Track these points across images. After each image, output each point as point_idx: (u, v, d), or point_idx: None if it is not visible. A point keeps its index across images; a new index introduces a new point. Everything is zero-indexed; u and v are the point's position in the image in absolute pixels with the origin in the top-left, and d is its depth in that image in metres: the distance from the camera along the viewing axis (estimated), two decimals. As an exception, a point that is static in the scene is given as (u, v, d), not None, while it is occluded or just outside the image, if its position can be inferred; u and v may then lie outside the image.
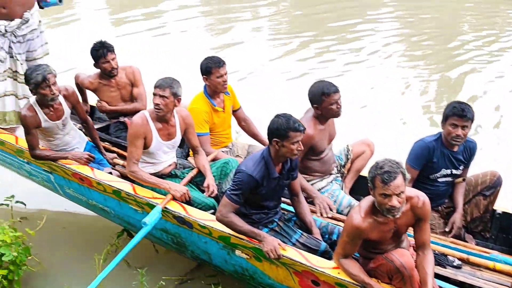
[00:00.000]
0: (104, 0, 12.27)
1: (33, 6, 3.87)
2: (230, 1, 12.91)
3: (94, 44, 4.27)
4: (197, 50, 8.50)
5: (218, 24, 10.48)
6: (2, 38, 3.74)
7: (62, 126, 3.74)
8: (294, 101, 4.23)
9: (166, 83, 3.37)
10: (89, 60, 4.35)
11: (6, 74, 3.85)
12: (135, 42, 8.82)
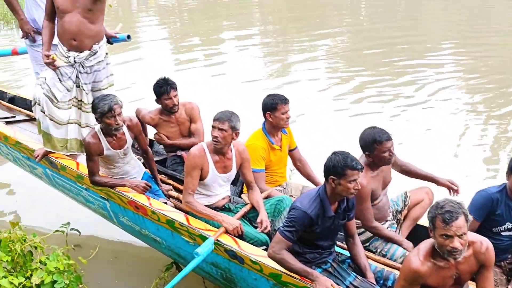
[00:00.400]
0: (166, 35, 12.73)
1: (102, 39, 4.02)
2: (288, 35, 13.19)
3: (157, 80, 4.40)
4: (253, 86, 8.68)
5: (275, 62, 10.64)
6: (70, 68, 3.88)
7: (123, 155, 3.84)
8: (349, 142, 4.17)
9: (226, 116, 3.42)
10: (150, 93, 4.47)
11: (71, 103, 3.98)
12: (194, 76, 9.03)
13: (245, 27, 14.16)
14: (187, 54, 10.99)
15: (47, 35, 3.96)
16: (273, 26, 14.83)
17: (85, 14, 3.76)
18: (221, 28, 14.12)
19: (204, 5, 17.66)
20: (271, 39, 13.04)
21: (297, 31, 13.54)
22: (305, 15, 15.75)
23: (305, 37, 12.53)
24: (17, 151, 4.44)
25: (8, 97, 5.54)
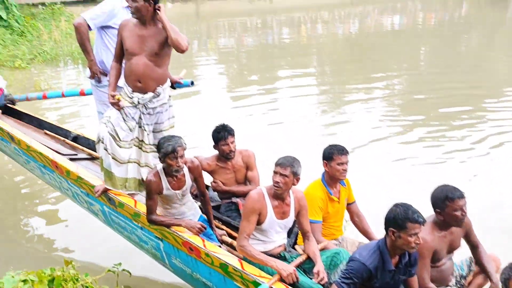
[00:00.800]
0: (224, 77, 12.99)
1: (166, 82, 4.13)
2: (344, 77, 13.25)
3: (216, 126, 4.46)
4: (308, 129, 8.70)
5: (330, 104, 10.67)
6: (134, 109, 3.99)
7: (181, 196, 3.87)
8: (410, 195, 4.07)
9: (288, 161, 3.42)
10: (207, 139, 4.53)
11: (133, 143, 4.07)
12: (249, 118, 9.11)
13: (302, 68, 14.32)
14: (243, 95, 11.12)
15: (114, 75, 4.11)
16: (330, 67, 14.96)
17: (152, 58, 3.90)
18: (278, 69, 14.31)
19: (262, 47, 18.06)
20: (327, 81, 13.15)
21: (353, 73, 13.59)
22: (362, 58, 15.85)
23: (361, 80, 12.55)
24: (77, 186, 4.54)
25: (72, 136, 5.73)
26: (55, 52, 13.73)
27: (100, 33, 4.76)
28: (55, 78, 12.04)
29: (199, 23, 23.79)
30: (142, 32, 3.89)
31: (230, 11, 27.26)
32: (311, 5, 30.55)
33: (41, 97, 6.24)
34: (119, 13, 4.58)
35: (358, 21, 25.49)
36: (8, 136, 5.27)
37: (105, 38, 4.72)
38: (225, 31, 22.18)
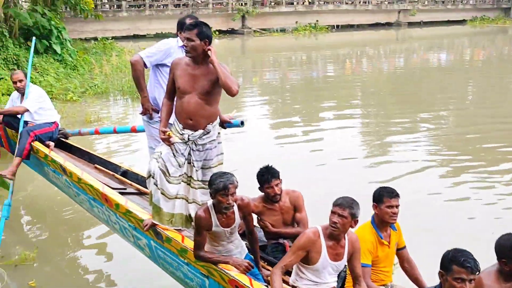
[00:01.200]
0: (267, 112, 13.04)
1: (216, 119, 4.18)
2: (390, 114, 13.12)
3: (260, 168, 4.40)
4: (352, 167, 8.59)
5: (375, 142, 10.53)
6: (184, 145, 4.05)
7: (229, 234, 3.86)
8: (462, 238, 3.94)
9: (347, 202, 3.39)
10: (251, 177, 4.51)
11: (181, 178, 4.11)
12: (294, 156, 9.05)
13: (346, 103, 14.34)
14: (287, 131, 11.17)
15: (165, 112, 4.19)
16: (374, 103, 14.85)
17: (203, 96, 3.96)
18: (322, 104, 14.36)
19: (307, 82, 18.16)
20: (371, 116, 13.04)
21: (398, 109, 13.50)
22: (407, 93, 15.75)
23: (406, 116, 12.43)
24: (126, 220, 4.59)
25: (121, 170, 5.85)
26: (106, 85, 14.15)
27: (154, 71, 4.87)
28: (105, 111, 12.37)
29: (244, 58, 24.14)
30: (194, 71, 3.97)
31: (275, 46, 27.62)
32: (356, 42, 30.71)
33: (93, 132, 6.40)
34: (175, 52, 4.68)
35: (403, 57, 25.39)
36: (60, 168, 5.42)
37: (159, 75, 4.82)
38: (270, 66, 22.43)
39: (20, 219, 6.86)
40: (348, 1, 34.55)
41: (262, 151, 9.36)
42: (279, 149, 9.77)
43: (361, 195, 3.92)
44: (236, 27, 30.57)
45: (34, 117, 6.16)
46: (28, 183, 7.72)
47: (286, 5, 32.47)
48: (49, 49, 15.62)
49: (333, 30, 33.90)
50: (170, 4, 27.92)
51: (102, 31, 25.23)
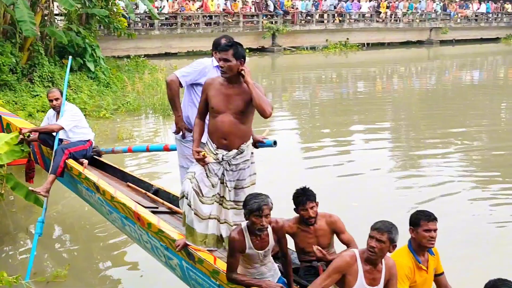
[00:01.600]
0: (297, 130, 12.98)
1: (249, 139, 4.16)
2: (420, 131, 12.97)
3: (296, 190, 4.31)
4: (384, 189, 8.43)
5: (406, 159, 10.43)
6: (217, 165, 4.03)
7: (263, 257, 3.80)
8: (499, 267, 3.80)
9: (386, 227, 3.31)
10: (280, 198, 4.45)
11: (214, 199, 4.08)
12: (324, 179, 8.90)
13: (376, 121, 14.19)
14: (317, 150, 11.06)
15: (198, 132, 4.18)
16: (405, 121, 14.67)
17: (237, 116, 3.94)
18: (352, 122, 14.27)
19: (337, 100, 18.06)
20: (402, 134, 12.87)
21: (430, 127, 13.27)
22: (439, 112, 15.52)
23: (437, 135, 12.24)
24: (157, 239, 4.58)
25: (153, 189, 5.86)
26: (138, 103, 14.31)
27: (189, 90, 4.87)
28: (136, 128, 12.49)
29: (274, 75, 24.18)
30: (228, 91, 3.96)
31: (305, 64, 27.62)
32: (387, 59, 30.51)
33: (126, 150, 6.45)
34: (210, 72, 4.67)
35: (435, 75, 25.10)
36: (93, 186, 5.45)
37: (194, 95, 4.81)
38: (299, 84, 22.42)
39: (52, 235, 6.92)
40: (379, 19, 34.41)
41: (293, 170, 9.31)
42: (309, 168, 9.70)
43: (394, 214, 3.84)
44: (266, 45, 30.69)
45: (69, 135, 6.23)
46: (61, 199, 7.81)
47: (317, 23, 32.49)
48: (83, 66, 15.90)
49: (363, 48, 33.77)
50: (201, 23, 28.20)
51: (134, 49, 25.61)
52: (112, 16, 18.79)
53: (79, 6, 16.04)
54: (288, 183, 8.32)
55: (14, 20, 13.30)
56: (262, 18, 30.21)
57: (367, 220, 3.75)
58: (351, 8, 33.82)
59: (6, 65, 12.95)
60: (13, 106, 12.42)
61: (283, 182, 8.07)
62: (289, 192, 4.33)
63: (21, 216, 7.36)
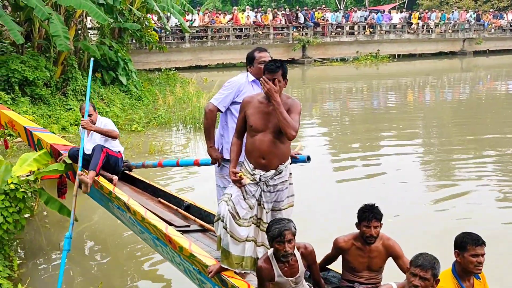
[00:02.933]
0: (327, 142, 12.81)
1: (287, 159, 4.05)
2: (452, 141, 12.70)
3: (364, 205, 4.12)
4: (418, 205, 8.20)
5: (440, 173, 10.12)
6: (255, 186, 3.92)
7: (294, 284, 3.67)
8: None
9: (429, 263, 3.14)
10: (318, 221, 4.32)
11: (251, 221, 3.98)
12: (353, 192, 8.70)
13: (407, 133, 13.95)
14: (347, 163, 10.89)
15: (235, 152, 4.08)
16: (438, 133, 14.34)
17: (277, 134, 3.84)
18: (383, 133, 14.06)
19: (367, 111, 17.84)
20: (435, 147, 12.54)
21: (463, 139, 12.91)
22: (473, 123, 15.12)
23: (471, 146, 11.92)
24: (189, 263, 4.48)
25: (185, 205, 5.79)
26: (169, 116, 14.35)
27: (225, 113, 4.77)
28: (167, 141, 12.50)
29: (305, 87, 24.07)
30: (267, 109, 3.86)
31: (335, 76, 27.46)
32: (419, 71, 30.10)
33: (156, 165, 6.40)
34: (245, 88, 4.57)
35: (468, 86, 24.62)
36: (124, 206, 5.41)
37: (229, 113, 4.71)
38: (330, 95, 22.25)
39: (85, 251, 6.90)
40: (410, 30, 34.00)
41: (323, 184, 9.15)
42: (340, 181, 9.54)
43: (431, 229, 3.66)
44: (296, 56, 30.61)
45: (105, 145, 6.26)
46: (92, 214, 7.82)
47: (347, 35, 32.30)
48: (115, 80, 16.09)
49: (394, 59, 33.41)
50: (232, 36, 28.32)
51: (165, 62, 25.84)
52: (144, 30, 19.00)
53: (112, 20, 16.24)
54: (321, 201, 8.21)
55: (48, 35, 13.52)
56: (292, 30, 30.18)
57: (404, 237, 3.57)
58: (382, 19, 33.53)
59: (40, 79, 13.15)
60: (47, 120, 12.60)
61: (315, 200, 7.95)
62: (320, 208, 4.21)
63: (53, 231, 7.38)
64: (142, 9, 18.46)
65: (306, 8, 38.19)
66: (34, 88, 13.16)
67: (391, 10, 38.13)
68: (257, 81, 4.51)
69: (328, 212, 7.57)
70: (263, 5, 50.16)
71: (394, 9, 40.18)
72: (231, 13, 30.99)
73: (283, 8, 36.88)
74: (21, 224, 6.14)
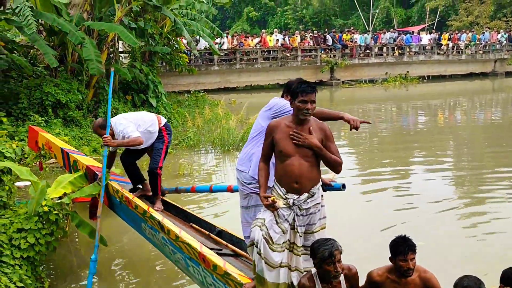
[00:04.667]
0: (355, 165, 12.68)
1: (319, 181, 4.01)
2: (484, 164, 12.43)
3: (396, 238, 4.00)
4: (452, 229, 8.03)
5: (472, 197, 9.86)
6: (288, 210, 3.87)
7: (335, 305, 3.59)
8: None
9: (475, 284, 3.03)
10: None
11: (285, 245, 3.92)
12: (382, 214, 8.54)
13: (437, 155, 13.71)
14: (376, 183, 10.75)
15: (264, 176, 4.04)
16: (468, 155, 14.05)
17: (308, 158, 3.81)
18: (412, 155, 13.87)
19: (396, 132, 17.66)
20: (465, 169, 12.27)
21: (495, 162, 12.62)
22: (504, 145, 14.79)
23: (503, 169, 11.63)
24: (223, 282, 4.43)
25: (217, 230, 5.76)
26: (198, 138, 14.42)
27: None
28: (196, 163, 12.54)
29: (333, 108, 23.89)
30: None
31: (364, 97, 27.32)
32: (449, 92, 29.75)
33: (189, 190, 6.40)
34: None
35: (500, 108, 24.20)
36: (158, 225, 5.40)
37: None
38: (358, 117, 22.01)
39: (114, 273, 6.90)
40: (440, 51, 33.72)
41: (352, 206, 9.01)
42: (369, 203, 9.42)
43: (463, 252, 3.54)
44: (324, 78, 30.59)
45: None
46: (121, 236, 7.83)
47: (376, 56, 32.18)
48: (145, 102, 16.29)
49: (424, 80, 33.13)
50: (260, 58, 28.49)
51: (194, 84, 26.10)
52: (173, 53, 19.26)
53: (143, 44, 16.52)
54: (347, 220, 8.09)
55: (81, 59, 13.81)
56: (321, 52, 30.22)
57: (436, 261, 3.45)
58: (411, 40, 33.35)
59: (73, 102, 13.41)
60: (78, 142, 12.79)
61: (346, 224, 7.83)
62: (351, 231, 4.13)
63: (84, 253, 7.41)
64: (172, 32, 18.74)
65: (334, 30, 38.27)
66: (67, 110, 13.41)
67: (420, 31, 37.94)
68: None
69: (358, 236, 7.45)
70: (290, 28, 50.47)
71: (423, 30, 40.02)
72: (259, 36, 31.24)
73: (311, 30, 37.02)
74: (53, 245, 6.19)
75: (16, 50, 14.39)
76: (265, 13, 57.81)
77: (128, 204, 6.00)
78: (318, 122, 3.97)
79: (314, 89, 3.85)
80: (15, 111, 12.97)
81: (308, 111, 3.82)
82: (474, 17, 41.80)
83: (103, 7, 14.90)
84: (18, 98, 13.13)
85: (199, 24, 18.63)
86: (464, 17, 42.08)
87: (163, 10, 15.63)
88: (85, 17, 14.75)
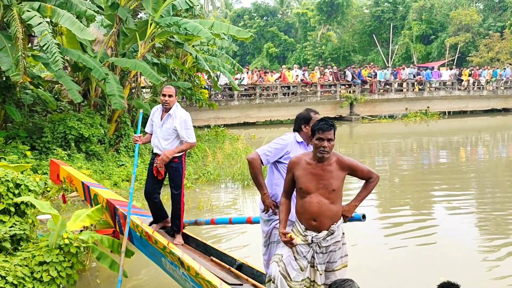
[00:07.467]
0: (375, 202, 12.56)
1: (340, 218, 3.99)
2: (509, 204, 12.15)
3: (441, 284, 3.89)
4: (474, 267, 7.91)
5: (496, 236, 9.65)
6: (307, 247, 3.86)
7: None
8: None
9: None
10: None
11: (304, 283, 3.89)
12: (404, 256, 8.39)
13: (459, 193, 13.50)
14: (396, 221, 10.57)
15: (284, 212, 4.04)
16: (491, 193, 13.79)
17: (328, 195, 3.81)
18: (433, 192, 13.70)
19: (417, 169, 17.45)
20: (488, 207, 12.01)
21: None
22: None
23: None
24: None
25: (237, 264, 5.72)
26: (217, 172, 14.45)
27: (272, 168, 4.78)
28: (216, 198, 12.54)
29: (352, 144, 23.91)
30: (316, 170, 3.85)
31: (384, 133, 27.23)
32: (471, 128, 29.52)
33: (209, 222, 6.40)
34: (293, 149, 4.58)
35: (523, 143, 23.92)
36: (178, 261, 5.39)
37: (277, 173, 4.70)
38: (378, 153, 21.98)
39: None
40: (461, 87, 33.63)
41: (372, 243, 8.89)
42: (390, 239, 9.27)
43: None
44: (344, 113, 30.66)
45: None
46: (142, 270, 7.81)
47: (396, 92, 32.22)
48: (166, 137, 16.40)
49: (444, 116, 32.97)
50: (279, 93, 28.71)
51: (214, 119, 26.35)
52: (194, 88, 19.50)
53: (165, 79, 16.77)
54: (369, 258, 7.97)
55: (104, 94, 14.05)
56: (340, 88, 30.35)
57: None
58: (431, 76, 33.34)
59: (95, 136, 13.59)
60: (100, 175, 12.90)
61: (363, 256, 7.73)
62: (373, 270, 4.06)
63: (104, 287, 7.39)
64: (193, 68, 19.02)
65: (353, 66, 38.48)
66: (89, 144, 13.58)
67: (440, 67, 37.95)
68: (304, 143, 4.55)
69: (379, 279, 7.34)
70: (309, 64, 50.89)
71: (443, 66, 40.01)
72: (279, 71, 31.55)
73: (331, 66, 37.29)
74: (73, 279, 6.19)
75: (41, 85, 14.72)
76: (285, 49, 58.42)
77: (148, 239, 6.01)
78: (340, 156, 3.97)
79: (332, 126, 3.85)
80: (39, 144, 13.18)
81: (325, 149, 3.82)
82: (495, 53, 41.68)
83: (126, 43, 15.23)
84: (42, 132, 13.36)
85: (220, 60, 18.89)
86: (484, 53, 41.99)
87: (185, 46, 15.92)
88: (109, 53, 15.08)
